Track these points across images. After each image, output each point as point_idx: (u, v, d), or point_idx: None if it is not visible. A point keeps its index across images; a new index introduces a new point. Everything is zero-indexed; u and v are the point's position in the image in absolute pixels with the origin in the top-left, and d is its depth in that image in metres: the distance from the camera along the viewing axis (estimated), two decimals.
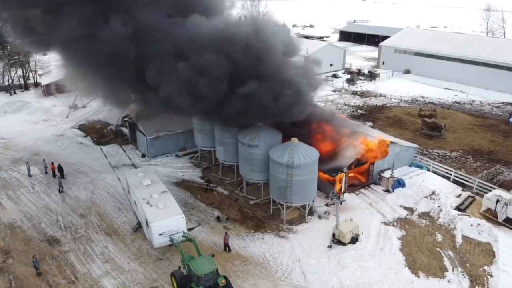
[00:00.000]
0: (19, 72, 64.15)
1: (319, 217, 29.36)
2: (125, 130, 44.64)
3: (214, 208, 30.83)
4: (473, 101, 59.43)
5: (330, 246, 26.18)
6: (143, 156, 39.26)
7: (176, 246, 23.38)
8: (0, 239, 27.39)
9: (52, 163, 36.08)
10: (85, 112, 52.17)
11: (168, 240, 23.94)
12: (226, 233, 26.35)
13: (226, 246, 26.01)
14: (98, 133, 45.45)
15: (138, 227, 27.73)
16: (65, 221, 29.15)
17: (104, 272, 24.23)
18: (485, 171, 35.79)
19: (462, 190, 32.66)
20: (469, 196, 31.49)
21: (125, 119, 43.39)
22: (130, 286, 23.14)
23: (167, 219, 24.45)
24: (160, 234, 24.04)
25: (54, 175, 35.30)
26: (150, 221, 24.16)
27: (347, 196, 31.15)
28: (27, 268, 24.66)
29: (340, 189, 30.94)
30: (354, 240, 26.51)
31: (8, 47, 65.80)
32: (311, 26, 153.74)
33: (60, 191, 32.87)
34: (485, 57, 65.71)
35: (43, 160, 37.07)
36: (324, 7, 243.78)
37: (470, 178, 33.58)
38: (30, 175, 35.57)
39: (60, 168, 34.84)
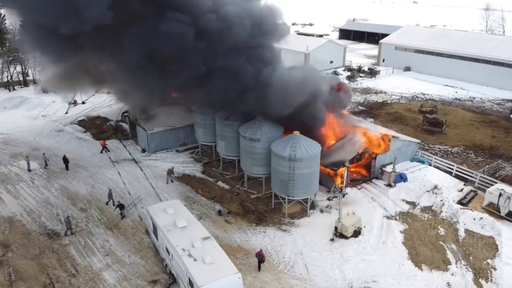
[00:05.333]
0: (18, 68, 63.83)
1: (321, 211, 29.19)
2: (125, 126, 44.40)
3: (215, 202, 30.65)
4: (474, 98, 59.26)
5: (332, 240, 26.02)
6: (143, 151, 39.03)
7: None
8: None
9: (104, 139, 39.86)
10: (84, 108, 51.96)
11: None
12: (260, 250, 23.73)
13: (260, 263, 23.46)
14: (97, 129, 45.16)
15: (172, 282, 22.26)
16: (65, 215, 28.89)
17: (105, 265, 24.03)
18: (487, 166, 35.66)
19: (464, 184, 32.54)
20: (471, 191, 31.36)
21: (125, 115, 43.18)
22: (131, 279, 22.94)
23: (220, 280, 18.80)
24: None
25: (106, 151, 38.62)
26: (200, 285, 18.54)
27: (348, 190, 30.98)
28: (26, 261, 24.48)
29: (342, 183, 30.77)
30: (357, 233, 26.37)
31: (8, 44, 65.52)
32: (310, 24, 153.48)
33: (115, 206, 29.28)
34: (485, 54, 65.54)
35: (43, 154, 36.83)
36: (323, 6, 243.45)
37: (472, 173, 33.48)
38: (29, 170, 35.32)
39: (65, 159, 35.19)
